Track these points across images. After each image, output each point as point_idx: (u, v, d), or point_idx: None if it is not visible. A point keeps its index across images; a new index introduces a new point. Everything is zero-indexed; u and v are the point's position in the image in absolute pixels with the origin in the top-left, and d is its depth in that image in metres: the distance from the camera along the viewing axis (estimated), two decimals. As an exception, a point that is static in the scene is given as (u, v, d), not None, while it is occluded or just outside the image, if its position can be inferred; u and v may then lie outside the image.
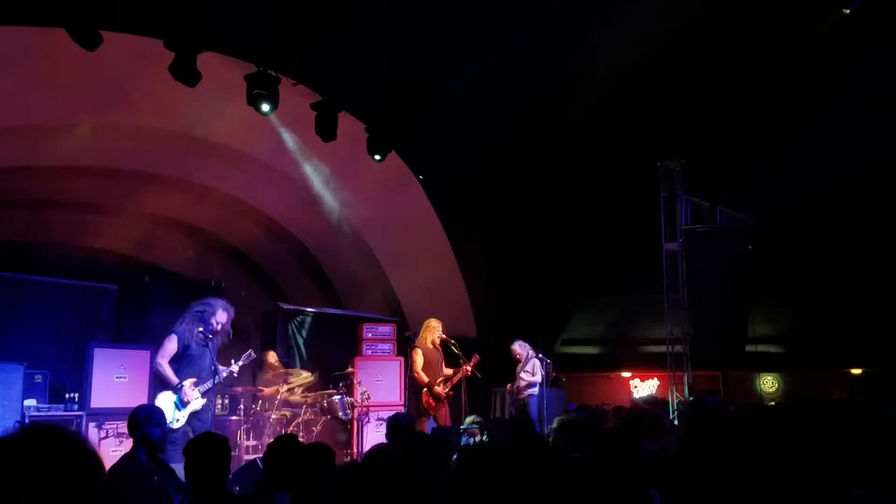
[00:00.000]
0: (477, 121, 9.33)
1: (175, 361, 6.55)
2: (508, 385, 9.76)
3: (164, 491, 4.10)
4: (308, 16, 7.44)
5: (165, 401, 6.39)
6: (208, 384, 6.51)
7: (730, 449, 2.28)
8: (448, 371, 8.52)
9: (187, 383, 6.47)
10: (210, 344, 6.61)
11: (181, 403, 6.43)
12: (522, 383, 9.43)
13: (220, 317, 6.77)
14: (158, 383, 6.63)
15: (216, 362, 6.70)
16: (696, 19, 8.22)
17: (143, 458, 4.19)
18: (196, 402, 6.48)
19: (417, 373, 8.34)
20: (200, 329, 6.60)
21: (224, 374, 6.77)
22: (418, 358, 8.40)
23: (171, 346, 6.54)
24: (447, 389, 8.38)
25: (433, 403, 8.28)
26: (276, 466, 3.52)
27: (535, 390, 9.28)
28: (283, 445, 3.64)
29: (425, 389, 8.31)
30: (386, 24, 7.73)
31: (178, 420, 6.37)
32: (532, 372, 9.37)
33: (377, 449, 2.67)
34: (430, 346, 8.48)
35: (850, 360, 12.66)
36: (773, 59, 8.85)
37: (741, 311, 10.59)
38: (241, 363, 6.95)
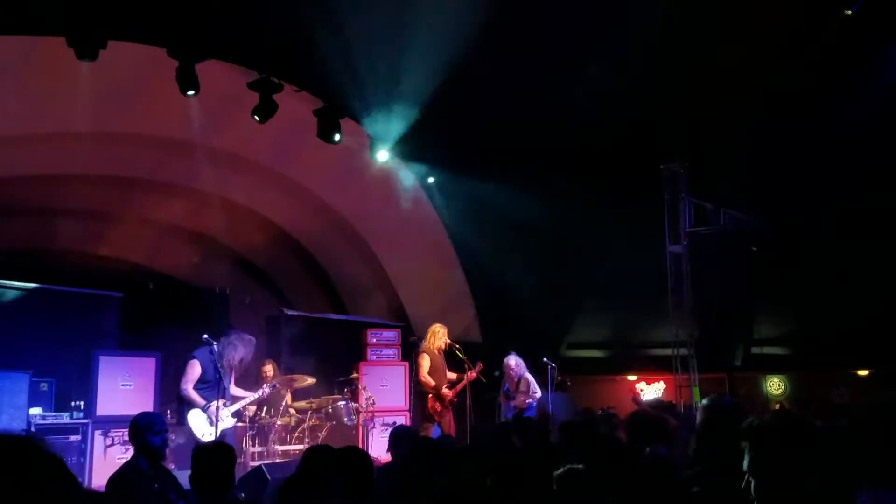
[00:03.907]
0: (479, 123, 9.33)
1: (195, 385, 6.86)
2: (502, 398, 9.02)
3: (166, 498, 4.10)
4: (309, 22, 7.46)
5: (199, 417, 6.72)
6: (236, 406, 6.96)
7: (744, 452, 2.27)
8: (452, 376, 8.50)
9: (217, 404, 6.75)
10: (223, 376, 6.92)
11: (212, 422, 6.71)
12: (526, 399, 8.67)
13: (239, 355, 7.06)
14: (187, 406, 6.84)
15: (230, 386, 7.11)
16: (699, 20, 8.21)
17: (144, 465, 4.18)
18: (228, 420, 6.83)
19: (424, 377, 8.32)
20: (215, 360, 6.88)
21: (247, 401, 7.26)
22: (424, 363, 8.39)
23: (194, 371, 6.85)
24: (452, 395, 8.37)
25: (438, 408, 8.27)
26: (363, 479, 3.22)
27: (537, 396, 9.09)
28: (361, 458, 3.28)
29: (431, 394, 8.30)
30: (386, 29, 7.74)
31: (209, 434, 6.63)
32: (529, 391, 8.70)
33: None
34: (436, 351, 8.47)
35: (856, 362, 12.59)
36: (775, 61, 8.83)
37: (746, 313, 10.56)
38: (264, 392, 7.41)
